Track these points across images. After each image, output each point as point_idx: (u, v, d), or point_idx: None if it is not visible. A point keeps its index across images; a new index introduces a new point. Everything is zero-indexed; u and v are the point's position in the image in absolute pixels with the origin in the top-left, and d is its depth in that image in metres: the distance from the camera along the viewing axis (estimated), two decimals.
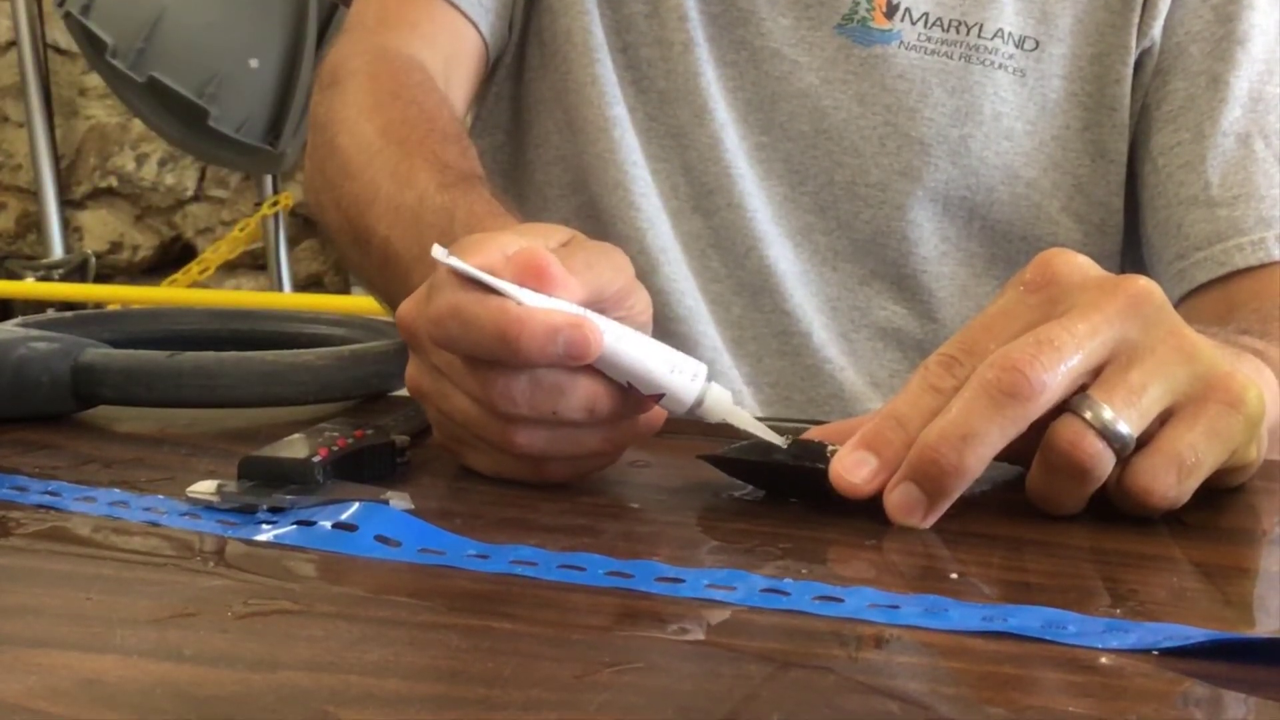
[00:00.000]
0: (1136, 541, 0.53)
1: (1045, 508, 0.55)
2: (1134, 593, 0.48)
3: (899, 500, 0.53)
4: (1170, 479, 0.53)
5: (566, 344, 0.53)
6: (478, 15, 0.92)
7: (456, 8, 0.91)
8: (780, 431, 0.61)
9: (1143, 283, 0.54)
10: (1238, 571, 0.52)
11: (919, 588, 0.47)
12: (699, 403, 0.57)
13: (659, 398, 0.57)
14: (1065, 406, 0.53)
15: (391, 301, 0.77)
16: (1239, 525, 0.58)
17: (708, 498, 0.58)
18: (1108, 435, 0.52)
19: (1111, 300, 0.53)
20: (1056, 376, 0.51)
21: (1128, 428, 0.52)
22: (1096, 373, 0.53)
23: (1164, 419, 0.54)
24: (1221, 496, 0.59)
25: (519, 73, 0.97)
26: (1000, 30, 0.91)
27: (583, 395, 0.55)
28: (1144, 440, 0.53)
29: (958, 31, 0.90)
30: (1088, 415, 0.52)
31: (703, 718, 0.36)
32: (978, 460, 0.51)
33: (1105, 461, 0.52)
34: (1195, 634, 0.42)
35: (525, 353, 0.53)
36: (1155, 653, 0.42)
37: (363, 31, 0.91)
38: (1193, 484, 0.54)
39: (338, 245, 0.85)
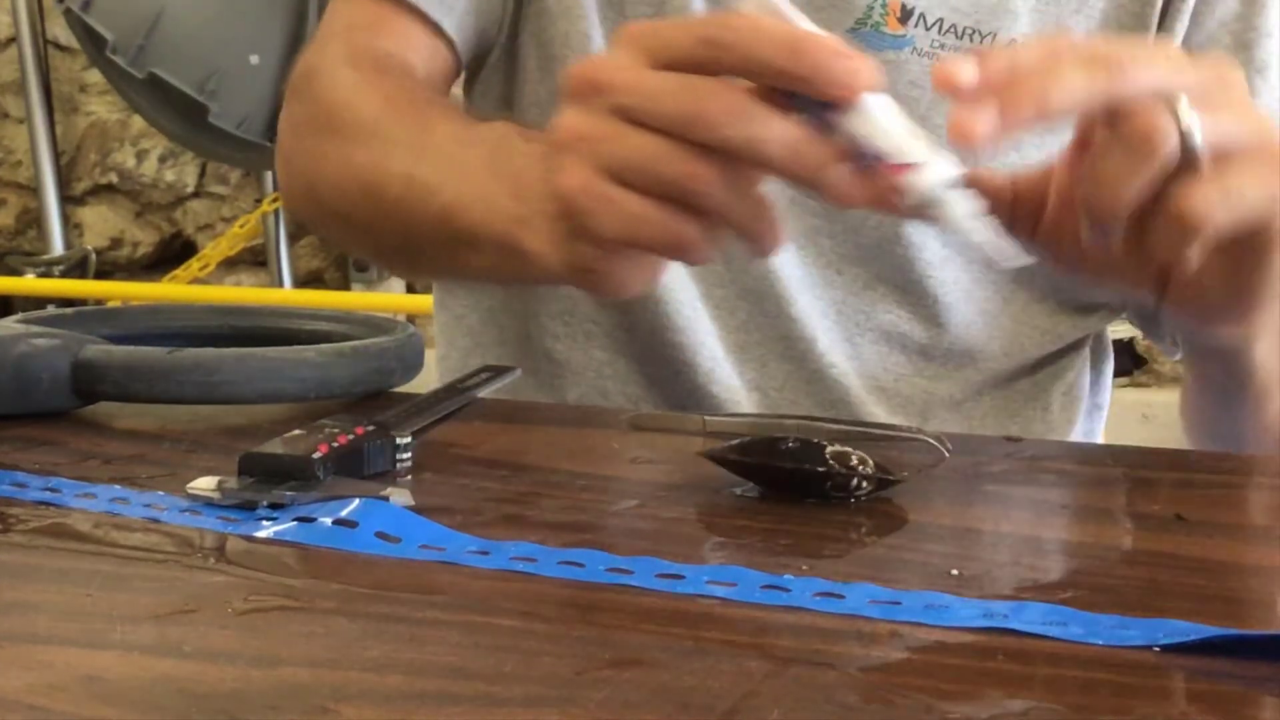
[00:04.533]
0: (1137, 538, 0.53)
1: (1099, 192, 0.56)
2: (1134, 589, 0.48)
3: (967, 111, 0.53)
4: (1214, 197, 0.55)
5: (846, 68, 0.53)
6: (458, 37, 0.91)
7: (441, 32, 0.89)
8: (781, 427, 0.61)
9: (1224, 64, 0.59)
10: (1239, 568, 0.52)
11: (920, 584, 0.47)
12: (948, 185, 0.54)
13: (902, 169, 0.54)
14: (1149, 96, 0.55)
15: (406, 235, 0.75)
16: (1240, 521, 0.58)
17: (708, 494, 0.58)
18: (1180, 126, 0.54)
19: (1197, 64, 0.57)
20: (1145, 72, 0.54)
21: (1199, 136, 0.54)
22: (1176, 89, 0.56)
23: (1219, 158, 0.56)
24: (1222, 493, 0.59)
25: (511, 73, 0.96)
26: (1014, 40, 0.90)
27: (789, 125, 0.55)
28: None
29: (971, 39, 0.90)
30: (1168, 103, 0.54)
31: (703, 714, 0.36)
32: (1058, 101, 0.53)
33: (1171, 141, 0.54)
34: (1196, 630, 0.42)
35: (805, 60, 0.53)
36: (1156, 649, 0.42)
37: (330, 37, 0.90)
38: (1233, 210, 0.55)
39: (335, 218, 0.83)
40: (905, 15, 0.90)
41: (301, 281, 3.32)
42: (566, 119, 0.59)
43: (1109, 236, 0.57)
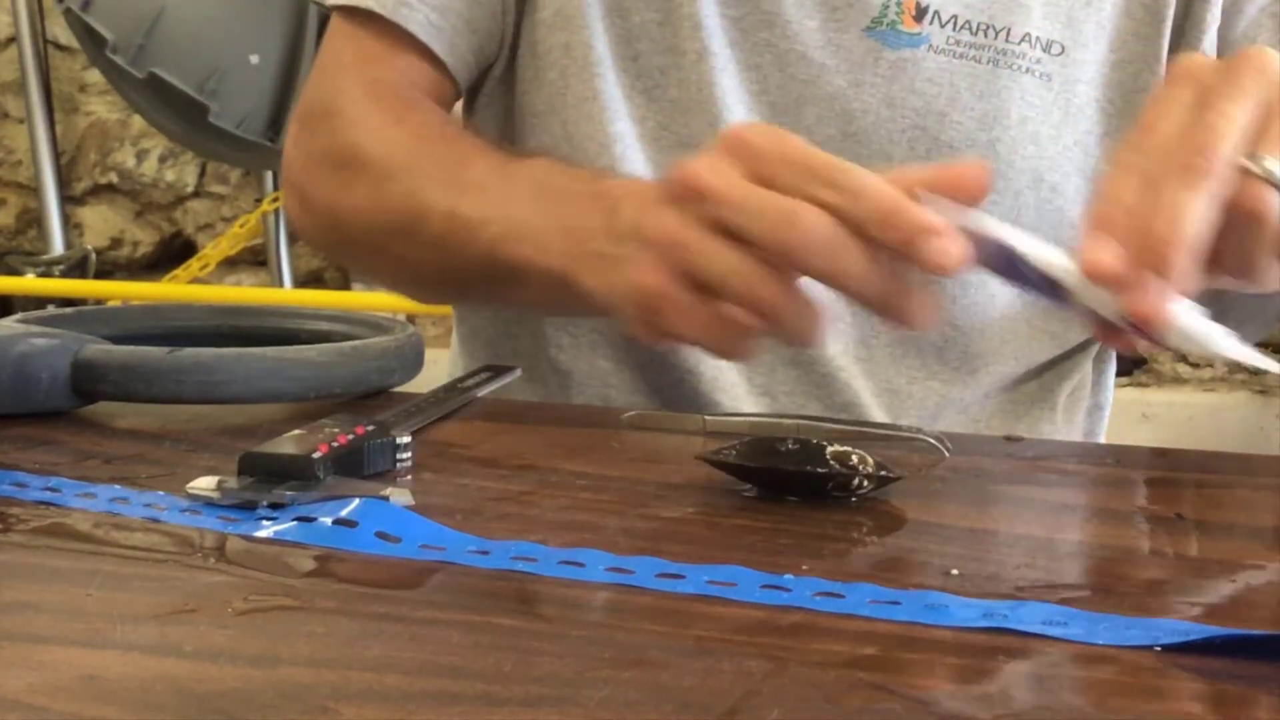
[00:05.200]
0: (1136, 538, 0.53)
1: (1244, 273, 0.60)
2: (1134, 589, 0.48)
3: (1141, 291, 0.56)
4: None
5: (934, 249, 0.56)
6: (456, 63, 0.91)
7: (440, 60, 0.89)
8: (780, 427, 0.61)
9: (1258, 55, 0.61)
10: (1239, 568, 0.52)
11: (919, 584, 0.47)
12: (1198, 317, 0.56)
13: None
14: (1239, 167, 0.58)
15: (449, 269, 0.78)
16: (1240, 521, 0.58)
17: (708, 494, 0.58)
18: (1276, 184, 0.58)
19: (1244, 75, 0.60)
20: (1231, 146, 0.57)
21: None
22: (1252, 135, 0.59)
23: None
24: (1222, 493, 0.59)
25: (510, 84, 0.96)
26: (1028, 34, 0.90)
27: (872, 265, 0.57)
28: None
29: (986, 35, 0.90)
30: (1259, 172, 0.58)
31: (703, 714, 0.36)
32: (1196, 233, 0.56)
33: (1273, 207, 0.58)
34: (1195, 630, 0.42)
35: (898, 235, 0.56)
36: (1156, 649, 0.42)
37: (341, 69, 0.90)
38: None
39: (365, 250, 0.85)
40: (920, 13, 0.89)
41: (301, 281, 3.32)
42: (662, 218, 0.61)
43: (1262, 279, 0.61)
